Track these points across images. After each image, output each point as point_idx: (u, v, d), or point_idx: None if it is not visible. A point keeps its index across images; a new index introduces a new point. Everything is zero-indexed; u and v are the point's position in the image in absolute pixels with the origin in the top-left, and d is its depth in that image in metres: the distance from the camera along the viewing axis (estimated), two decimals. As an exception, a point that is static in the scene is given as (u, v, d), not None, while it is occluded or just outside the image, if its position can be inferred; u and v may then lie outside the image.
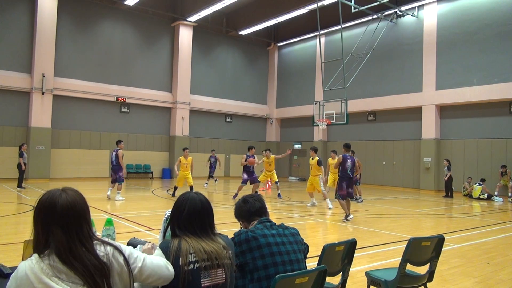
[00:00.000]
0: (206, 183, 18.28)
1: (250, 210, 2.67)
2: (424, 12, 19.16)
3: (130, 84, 21.71)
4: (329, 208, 11.53)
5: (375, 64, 20.53)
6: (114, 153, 12.61)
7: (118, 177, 12.37)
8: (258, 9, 22.95)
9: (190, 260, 1.97)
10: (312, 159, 12.23)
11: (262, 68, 27.60)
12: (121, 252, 1.70)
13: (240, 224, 2.75)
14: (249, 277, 2.37)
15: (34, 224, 1.62)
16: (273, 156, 14.02)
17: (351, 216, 9.38)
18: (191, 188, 13.57)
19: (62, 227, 1.58)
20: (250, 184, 13.38)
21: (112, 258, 1.66)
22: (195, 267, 1.97)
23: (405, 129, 20.02)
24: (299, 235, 2.64)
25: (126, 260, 1.70)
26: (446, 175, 16.38)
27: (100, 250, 1.66)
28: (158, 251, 2.03)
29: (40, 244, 1.59)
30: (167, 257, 1.97)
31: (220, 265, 2.04)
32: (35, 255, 1.56)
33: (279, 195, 14.03)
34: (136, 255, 1.79)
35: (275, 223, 2.61)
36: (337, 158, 14.07)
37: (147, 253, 2.26)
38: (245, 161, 13.29)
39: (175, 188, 13.74)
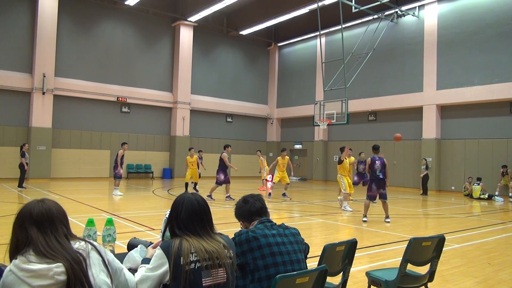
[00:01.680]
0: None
1: (251, 210, 2.67)
2: (425, 12, 19.15)
3: (131, 84, 21.72)
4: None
5: (376, 64, 20.52)
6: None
7: (115, 174, 13.83)
8: (259, 9, 22.95)
9: (192, 260, 1.98)
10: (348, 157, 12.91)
11: (263, 68, 27.60)
12: (98, 251, 1.82)
13: (241, 224, 2.75)
14: (250, 277, 2.37)
15: (13, 231, 1.77)
16: (288, 157, 14.31)
17: (365, 219, 9.37)
18: (195, 184, 14.98)
19: (37, 227, 1.73)
20: (224, 184, 13.22)
21: (91, 250, 1.79)
22: (196, 267, 1.98)
23: (406, 129, 20.00)
24: (300, 235, 2.64)
25: (103, 259, 1.81)
26: (422, 173, 17.09)
27: (80, 245, 1.78)
28: (158, 251, 2.03)
29: (20, 247, 1.72)
30: (168, 257, 1.97)
31: (221, 265, 2.05)
32: (13, 261, 1.68)
33: (284, 194, 14.15)
34: (118, 263, 1.92)
35: (275, 223, 2.61)
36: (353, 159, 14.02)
37: (150, 254, 2.29)
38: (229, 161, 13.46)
39: (195, 184, 14.99)
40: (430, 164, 18.41)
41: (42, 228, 1.74)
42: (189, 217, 2.13)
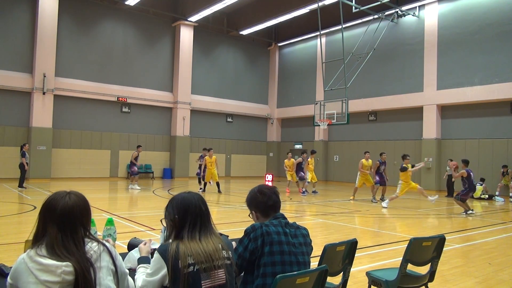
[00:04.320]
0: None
1: (268, 203, 2.59)
2: (425, 12, 19.14)
3: (131, 84, 21.72)
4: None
5: (376, 64, 20.51)
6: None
7: (131, 172, 16.22)
8: (259, 9, 22.95)
9: (190, 263, 1.96)
10: (367, 160, 14.51)
11: (263, 68, 27.59)
12: (110, 253, 1.82)
13: (251, 214, 2.68)
14: (256, 272, 2.38)
15: (37, 220, 1.79)
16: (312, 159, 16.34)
17: (471, 212, 10.99)
18: (218, 184, 15.32)
19: (58, 226, 1.73)
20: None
21: (102, 252, 1.79)
22: (195, 269, 1.96)
23: (406, 129, 20.01)
24: (309, 236, 2.62)
25: (114, 262, 1.82)
26: (448, 174, 16.48)
27: (92, 245, 1.78)
28: (156, 255, 2.01)
29: (38, 237, 1.75)
30: (166, 261, 1.96)
31: (220, 266, 2.04)
32: (31, 248, 1.72)
33: (314, 191, 16.08)
34: (124, 270, 1.91)
35: (289, 222, 2.59)
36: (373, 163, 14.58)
37: (144, 251, 2.29)
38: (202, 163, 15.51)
39: (205, 184, 15.46)
40: (431, 164, 18.39)
41: (62, 228, 1.73)
42: (187, 218, 2.10)
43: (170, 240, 2.10)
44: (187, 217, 2.10)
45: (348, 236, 7.57)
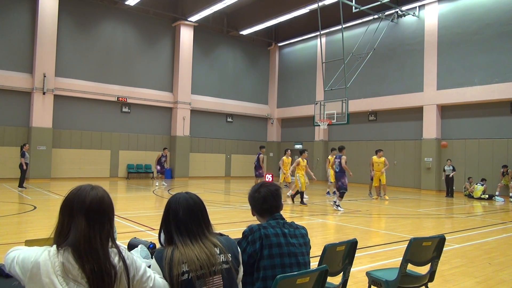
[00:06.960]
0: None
1: (263, 206, 2.56)
2: (425, 12, 19.15)
3: (131, 84, 21.72)
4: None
5: (376, 64, 20.51)
6: None
7: (157, 171, 17.91)
8: (259, 9, 22.95)
9: (184, 270, 1.91)
10: (379, 158, 14.83)
11: (263, 68, 27.59)
12: (127, 272, 1.73)
13: (253, 213, 2.67)
14: (255, 275, 2.36)
15: (60, 214, 1.71)
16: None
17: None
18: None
19: (87, 219, 1.67)
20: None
21: (123, 271, 1.71)
22: (189, 277, 1.91)
23: (406, 129, 20.01)
24: (307, 236, 2.60)
25: (128, 279, 1.73)
26: (449, 175, 16.43)
27: (114, 259, 1.71)
28: (153, 262, 1.98)
29: (63, 234, 1.67)
30: (162, 269, 1.92)
31: (217, 271, 1.97)
32: (54, 248, 1.64)
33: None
34: (149, 274, 1.83)
35: (287, 222, 2.57)
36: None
37: None
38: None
39: (302, 194, 12.63)
40: (431, 164, 18.41)
41: (91, 221, 1.67)
42: (184, 220, 2.04)
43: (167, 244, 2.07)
44: (180, 217, 2.05)
45: (348, 236, 7.57)
